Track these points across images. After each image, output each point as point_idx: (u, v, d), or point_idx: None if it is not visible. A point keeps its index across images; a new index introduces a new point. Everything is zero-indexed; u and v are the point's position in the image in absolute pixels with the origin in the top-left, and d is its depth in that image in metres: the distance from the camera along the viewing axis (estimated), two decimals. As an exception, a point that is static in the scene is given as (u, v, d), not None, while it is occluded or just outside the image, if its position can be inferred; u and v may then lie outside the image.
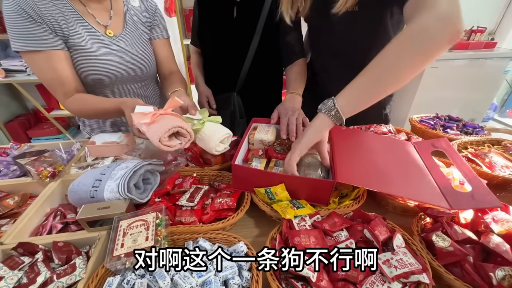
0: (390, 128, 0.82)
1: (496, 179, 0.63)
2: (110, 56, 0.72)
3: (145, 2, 0.80)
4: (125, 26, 0.75)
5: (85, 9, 0.69)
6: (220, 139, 0.62)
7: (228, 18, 0.88)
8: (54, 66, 0.65)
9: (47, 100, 2.15)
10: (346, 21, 0.67)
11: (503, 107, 3.02)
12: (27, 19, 0.60)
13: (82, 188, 0.51)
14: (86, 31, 0.68)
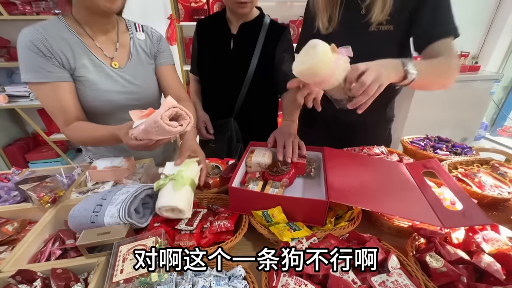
0: (382, 149, 0.85)
1: (486, 198, 0.65)
2: (113, 87, 0.76)
3: (150, 34, 0.85)
4: (130, 58, 0.80)
5: (93, 42, 0.74)
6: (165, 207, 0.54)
7: (225, 49, 0.95)
8: (59, 97, 0.69)
9: (48, 124, 2.18)
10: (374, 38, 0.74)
11: (493, 126, 3.11)
12: (38, 54, 0.65)
13: (83, 213, 0.52)
14: (92, 63, 0.73)
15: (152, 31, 0.86)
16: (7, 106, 1.95)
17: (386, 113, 0.94)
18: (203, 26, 0.99)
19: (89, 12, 0.69)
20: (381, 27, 0.73)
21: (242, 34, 0.93)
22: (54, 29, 0.68)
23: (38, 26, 0.68)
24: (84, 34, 0.72)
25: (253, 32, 0.93)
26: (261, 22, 0.93)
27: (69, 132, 0.72)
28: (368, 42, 0.75)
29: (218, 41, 0.96)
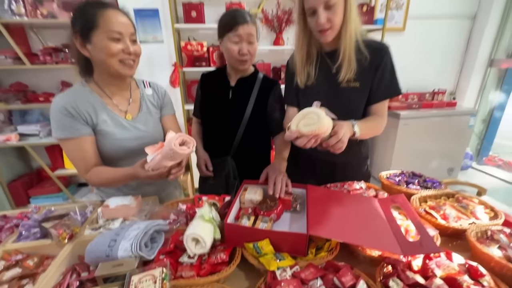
0: (361, 185, 0.96)
1: (449, 229, 0.75)
2: (127, 135, 0.90)
3: (156, 89, 1.03)
4: (140, 110, 0.96)
5: (111, 101, 0.90)
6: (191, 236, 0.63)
7: (225, 98, 1.12)
8: (82, 148, 0.84)
9: (53, 160, 2.29)
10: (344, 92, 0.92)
11: (479, 156, 3.26)
12: (67, 115, 0.81)
13: (99, 248, 0.61)
14: (110, 118, 0.88)
15: (158, 87, 1.04)
16: (17, 144, 2.07)
17: (361, 152, 1.07)
18: (207, 79, 1.18)
19: (110, 77, 0.86)
20: (349, 83, 0.90)
21: (240, 86, 1.11)
22: (80, 94, 0.85)
23: (68, 92, 0.85)
24: (103, 95, 0.88)
25: (249, 85, 1.10)
26: (256, 77, 1.12)
27: (89, 177, 0.85)
28: (340, 95, 0.91)
29: (219, 91, 1.13)
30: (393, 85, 0.91)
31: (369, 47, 0.87)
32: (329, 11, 0.79)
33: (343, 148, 0.72)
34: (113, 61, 0.79)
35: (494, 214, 0.82)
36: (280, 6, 2.33)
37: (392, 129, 2.52)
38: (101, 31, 0.76)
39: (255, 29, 1.01)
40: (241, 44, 0.98)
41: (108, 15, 0.77)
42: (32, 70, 1.99)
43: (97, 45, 0.77)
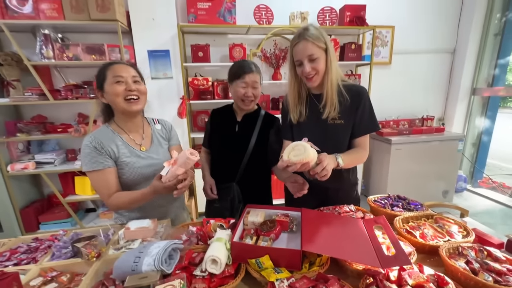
0: (351, 208, 1.08)
1: (426, 246, 0.86)
2: (143, 163, 1.07)
3: (164, 125, 1.22)
4: (152, 142, 1.14)
5: (129, 136, 1.08)
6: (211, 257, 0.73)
7: (232, 131, 1.30)
8: (106, 178, 1.00)
9: (65, 186, 2.41)
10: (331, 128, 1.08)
11: (473, 178, 3.36)
12: (94, 150, 0.99)
13: (126, 264, 0.72)
14: (129, 151, 1.06)
15: (165, 122, 1.24)
16: (33, 172, 2.21)
17: (350, 179, 1.21)
18: (216, 114, 1.38)
19: (124, 115, 1.06)
20: (335, 121, 1.07)
21: (245, 121, 1.30)
22: (104, 134, 1.04)
23: (95, 133, 1.04)
24: (122, 132, 1.07)
25: (253, 120, 1.29)
26: (259, 113, 1.32)
27: (111, 201, 0.99)
28: (327, 131, 1.08)
29: (227, 125, 1.32)
30: (372, 122, 1.09)
31: (350, 91, 1.05)
32: (313, 63, 0.99)
33: (327, 176, 0.88)
34: (119, 99, 0.99)
35: (467, 233, 0.93)
36: (277, 46, 2.62)
37: (385, 154, 2.67)
38: (109, 80, 0.98)
39: (259, 77, 1.22)
40: (247, 89, 1.20)
41: (113, 68, 0.99)
42: (54, 105, 2.20)
43: (108, 91, 0.99)
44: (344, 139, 1.10)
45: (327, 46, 0.99)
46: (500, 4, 2.87)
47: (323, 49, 0.99)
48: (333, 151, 1.04)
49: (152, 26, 2.27)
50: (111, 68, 0.99)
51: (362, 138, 1.09)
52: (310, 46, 0.96)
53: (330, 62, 1.00)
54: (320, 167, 0.85)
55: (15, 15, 1.93)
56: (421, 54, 3.04)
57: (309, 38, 0.96)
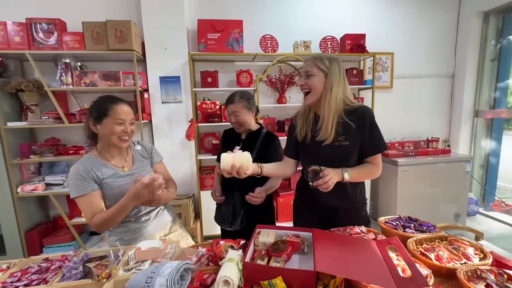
0: (362, 229, 1.07)
1: (442, 269, 0.84)
2: (125, 182, 1.15)
3: (143, 145, 1.32)
4: (134, 163, 1.23)
5: (111, 162, 1.16)
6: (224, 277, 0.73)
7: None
8: (91, 201, 1.07)
9: (71, 209, 2.42)
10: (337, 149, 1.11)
11: (485, 201, 3.27)
12: (80, 178, 1.07)
13: (138, 284, 0.72)
14: (112, 173, 1.14)
15: (145, 143, 1.34)
16: (42, 193, 2.24)
17: (357, 199, 1.21)
18: (227, 133, 1.65)
19: (110, 146, 1.15)
20: (341, 142, 1.10)
21: (248, 139, 1.52)
22: (88, 161, 1.12)
23: (79, 162, 1.12)
24: (105, 159, 1.15)
25: (255, 138, 1.50)
26: (260, 132, 1.52)
27: (94, 220, 1.06)
28: (333, 151, 1.11)
29: (233, 142, 1.51)
30: (380, 141, 1.12)
31: (354, 113, 1.09)
32: (308, 78, 1.09)
33: (328, 188, 0.97)
34: (114, 137, 1.11)
35: (484, 255, 0.90)
36: (282, 71, 2.75)
37: (392, 176, 2.65)
38: (110, 119, 1.09)
39: (242, 105, 1.43)
40: (231, 117, 1.47)
41: (117, 110, 1.10)
42: (69, 127, 2.29)
43: (106, 127, 1.09)
44: (350, 160, 1.12)
45: (329, 71, 1.06)
46: (494, 32, 3.02)
47: (323, 72, 1.07)
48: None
49: (165, 55, 2.43)
50: (115, 109, 1.09)
51: (375, 157, 1.12)
52: (311, 64, 1.09)
53: (331, 87, 1.06)
54: (322, 181, 0.95)
55: (41, 46, 2.10)
56: (421, 79, 3.14)
57: (314, 59, 1.09)
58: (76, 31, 2.13)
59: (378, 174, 1.14)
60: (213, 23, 2.41)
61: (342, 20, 2.85)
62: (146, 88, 2.47)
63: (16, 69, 2.31)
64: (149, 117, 2.49)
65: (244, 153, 1.04)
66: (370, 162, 1.13)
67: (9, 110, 2.19)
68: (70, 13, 2.30)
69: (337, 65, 1.08)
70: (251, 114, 1.49)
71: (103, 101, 1.12)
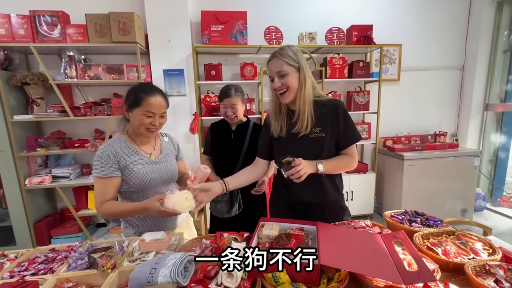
0: (367, 222, 1.06)
1: (450, 264, 0.82)
2: (151, 169, 1.14)
3: (171, 139, 1.32)
4: (161, 152, 1.22)
5: (140, 147, 1.16)
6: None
7: (228, 138, 1.60)
8: (106, 187, 1.06)
9: (78, 201, 2.45)
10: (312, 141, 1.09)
11: (493, 197, 3.21)
12: (107, 158, 1.06)
13: (142, 275, 0.72)
14: (139, 159, 1.13)
15: (172, 138, 1.34)
16: (49, 186, 2.27)
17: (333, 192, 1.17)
18: (215, 126, 1.71)
19: (139, 134, 1.13)
20: (316, 134, 1.08)
21: (238, 130, 1.62)
22: (118, 143, 1.12)
23: (110, 142, 1.11)
24: (134, 144, 1.15)
25: (244, 129, 1.61)
26: (249, 124, 1.63)
27: (102, 208, 1.06)
28: (308, 144, 1.09)
29: (224, 133, 1.64)
30: (355, 132, 1.12)
31: (326, 106, 1.08)
32: (282, 79, 1.04)
33: (301, 178, 0.95)
34: (142, 128, 1.09)
35: (493, 250, 0.88)
36: (287, 64, 2.70)
37: (398, 170, 2.62)
38: (141, 109, 1.06)
39: (239, 99, 1.52)
40: (227, 109, 1.53)
41: (150, 102, 1.06)
42: (74, 121, 2.30)
43: (135, 116, 1.08)
44: (327, 152, 1.09)
45: (300, 65, 1.04)
46: (507, 22, 2.91)
47: (295, 67, 1.04)
48: None
49: (168, 47, 2.41)
50: (148, 101, 1.06)
51: (350, 148, 1.12)
52: (280, 63, 1.03)
53: (304, 80, 1.04)
54: (294, 171, 0.94)
55: (45, 39, 2.09)
56: (430, 71, 3.06)
57: (280, 56, 1.03)
58: (79, 23, 2.12)
59: (354, 166, 1.13)
60: (216, 15, 2.37)
61: (348, 10, 2.78)
62: (150, 81, 2.46)
63: (21, 63, 2.32)
64: (153, 111, 2.48)
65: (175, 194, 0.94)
66: (346, 153, 1.13)
67: (15, 104, 2.21)
68: (73, 5, 2.28)
69: (301, 55, 1.06)
70: (244, 106, 1.59)
71: (139, 90, 1.09)
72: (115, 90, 2.49)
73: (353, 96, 2.71)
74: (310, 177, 1.00)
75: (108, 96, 2.44)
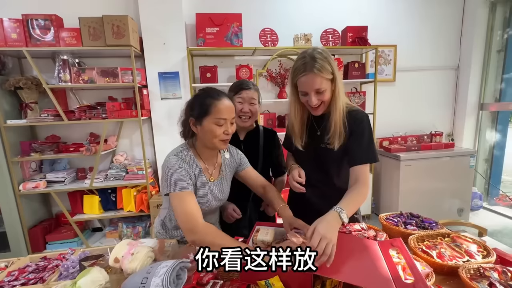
0: (362, 225, 1.05)
1: (444, 267, 0.82)
2: (209, 194, 1.03)
3: (232, 153, 1.14)
4: (220, 173, 1.08)
5: (204, 164, 1.04)
6: None
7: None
8: (190, 202, 0.90)
9: (73, 205, 2.43)
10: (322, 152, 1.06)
11: (489, 196, 3.23)
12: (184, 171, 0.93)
13: (133, 285, 0.71)
14: (201, 178, 1.00)
15: (234, 150, 1.16)
16: (44, 191, 2.25)
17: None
18: None
19: (207, 149, 1.02)
20: (327, 145, 1.02)
21: (248, 139, 1.32)
22: (188, 159, 0.98)
23: (180, 155, 0.97)
24: (199, 160, 1.02)
25: (255, 137, 1.33)
26: (258, 129, 1.35)
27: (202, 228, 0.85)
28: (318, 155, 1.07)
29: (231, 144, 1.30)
30: (371, 152, 1.00)
31: (351, 116, 1.00)
32: (319, 95, 0.94)
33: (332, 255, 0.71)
34: (216, 140, 0.95)
35: (487, 252, 0.88)
36: (282, 66, 2.70)
37: (394, 170, 2.62)
38: (211, 118, 0.92)
39: (257, 95, 1.24)
40: (244, 105, 1.21)
41: (219, 105, 0.92)
42: (68, 125, 2.28)
43: (205, 128, 0.93)
44: (334, 164, 1.06)
45: (334, 75, 0.94)
46: (500, 22, 2.93)
47: (330, 79, 0.95)
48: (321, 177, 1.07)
49: (163, 50, 2.39)
50: (217, 106, 0.92)
51: (362, 168, 0.98)
52: (319, 80, 0.91)
53: (338, 91, 0.96)
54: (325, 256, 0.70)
55: (38, 43, 2.07)
56: (425, 71, 3.07)
57: (317, 71, 0.90)
58: (72, 26, 2.11)
59: (366, 197, 0.98)
60: (211, 17, 2.36)
61: (343, 12, 2.78)
62: (145, 84, 2.45)
63: (14, 67, 2.30)
64: (148, 114, 2.47)
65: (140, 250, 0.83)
66: (356, 177, 0.98)
67: (8, 108, 2.19)
68: (66, 8, 2.27)
69: (332, 59, 0.95)
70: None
71: (206, 95, 0.95)
72: (110, 94, 2.47)
73: (349, 97, 2.72)
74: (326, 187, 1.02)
75: (102, 100, 2.42)
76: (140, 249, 0.83)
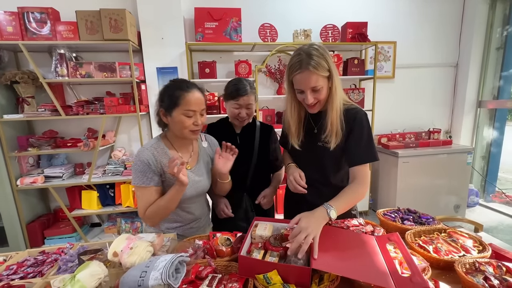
0: (360, 221, 1.06)
1: (440, 261, 0.83)
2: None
3: (210, 142, 1.20)
4: (198, 161, 1.12)
5: (177, 153, 1.06)
6: None
7: (234, 144, 1.25)
8: (149, 196, 0.99)
9: (71, 201, 2.42)
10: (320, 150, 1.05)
11: (485, 193, 3.26)
12: (146, 166, 0.98)
13: (132, 279, 0.71)
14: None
15: (211, 140, 1.21)
16: (42, 186, 2.24)
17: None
18: (213, 128, 1.39)
19: (180, 138, 1.05)
20: (325, 144, 1.02)
21: (245, 133, 1.35)
22: (158, 149, 1.02)
23: (149, 147, 1.01)
24: (172, 148, 1.06)
25: (251, 131, 1.34)
26: (255, 124, 1.36)
27: (146, 215, 1.00)
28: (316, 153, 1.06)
29: (227, 138, 1.27)
30: (370, 151, 0.99)
31: (349, 114, 0.98)
32: (316, 93, 0.93)
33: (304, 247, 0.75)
34: (185, 131, 0.99)
35: (483, 247, 0.89)
36: (282, 61, 2.69)
37: (392, 167, 2.64)
38: (180, 109, 0.96)
39: (254, 97, 1.24)
40: (240, 110, 1.23)
41: (188, 99, 0.95)
42: (65, 120, 2.27)
43: (175, 119, 0.97)
44: (331, 163, 1.06)
45: (331, 72, 0.92)
46: (500, 19, 2.92)
47: (327, 76, 0.92)
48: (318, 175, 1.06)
49: (162, 45, 2.37)
50: (186, 98, 0.95)
51: (360, 168, 0.99)
52: (314, 77, 0.89)
53: (335, 88, 0.94)
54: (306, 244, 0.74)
55: (34, 36, 2.05)
56: (424, 68, 3.07)
57: (314, 69, 0.88)
58: (69, 20, 2.08)
59: (363, 196, 0.98)
60: (210, 12, 2.34)
61: (343, 8, 2.76)
62: (143, 79, 2.43)
63: (10, 61, 2.27)
64: (146, 109, 2.46)
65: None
66: (354, 176, 0.99)
67: (5, 103, 2.17)
68: (62, 1, 2.23)
69: (329, 55, 0.92)
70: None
71: (174, 88, 0.98)
72: (108, 89, 2.45)
73: (348, 93, 2.71)
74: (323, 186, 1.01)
75: (100, 95, 2.40)
76: (139, 244, 0.84)
